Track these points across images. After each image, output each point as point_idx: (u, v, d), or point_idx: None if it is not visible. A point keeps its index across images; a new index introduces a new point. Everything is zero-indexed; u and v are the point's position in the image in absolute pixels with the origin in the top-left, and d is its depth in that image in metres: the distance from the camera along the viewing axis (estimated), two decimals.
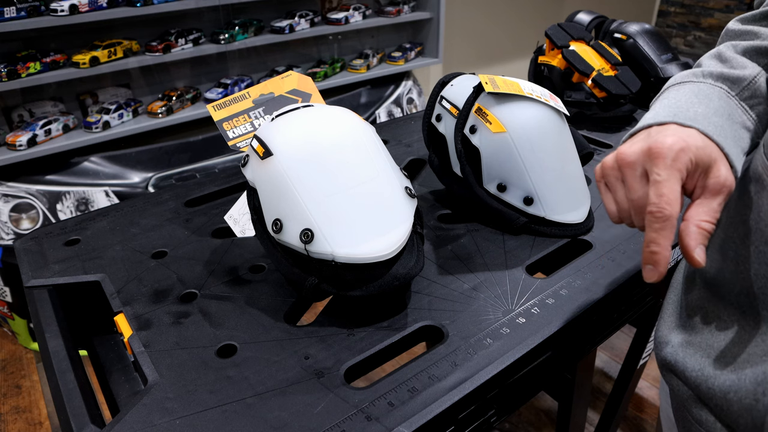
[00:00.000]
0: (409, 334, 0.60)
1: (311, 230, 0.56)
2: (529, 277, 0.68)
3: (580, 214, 0.76)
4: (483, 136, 0.74)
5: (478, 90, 0.75)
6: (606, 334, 0.73)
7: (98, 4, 1.63)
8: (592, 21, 1.30)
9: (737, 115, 0.46)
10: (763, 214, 0.43)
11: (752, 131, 0.46)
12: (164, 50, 1.81)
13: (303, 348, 0.58)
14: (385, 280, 0.57)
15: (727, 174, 0.43)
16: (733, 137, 0.45)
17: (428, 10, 2.39)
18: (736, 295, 0.46)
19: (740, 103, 0.47)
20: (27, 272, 0.71)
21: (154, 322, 0.61)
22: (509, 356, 0.56)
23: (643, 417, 1.54)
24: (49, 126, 1.68)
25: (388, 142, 1.08)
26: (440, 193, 0.90)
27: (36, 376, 1.72)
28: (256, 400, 0.51)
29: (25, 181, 1.65)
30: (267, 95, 0.80)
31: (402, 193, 0.61)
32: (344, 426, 0.48)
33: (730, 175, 0.43)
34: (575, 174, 0.76)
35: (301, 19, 2.08)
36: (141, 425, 0.49)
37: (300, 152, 0.59)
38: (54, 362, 0.57)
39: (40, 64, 1.61)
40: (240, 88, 2.04)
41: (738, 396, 0.43)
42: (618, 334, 1.78)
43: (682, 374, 0.50)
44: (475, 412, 0.55)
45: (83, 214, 0.84)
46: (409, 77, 2.48)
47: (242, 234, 0.75)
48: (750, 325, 0.45)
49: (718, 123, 0.45)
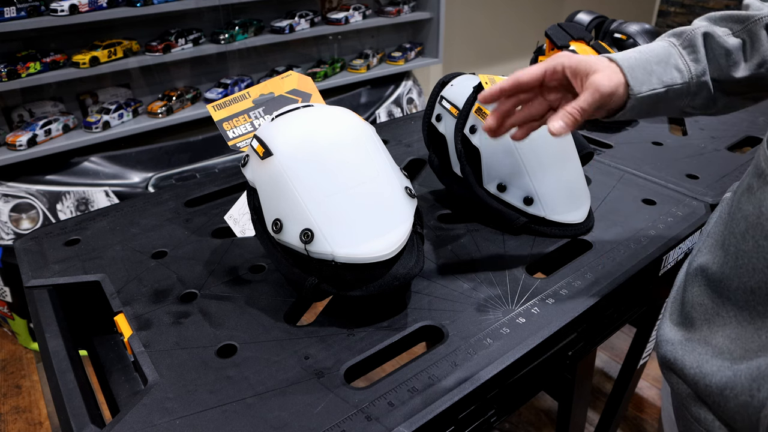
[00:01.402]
0: (409, 334, 0.60)
1: (311, 230, 0.56)
2: (529, 277, 0.68)
3: (580, 214, 0.76)
4: (483, 136, 0.74)
5: (478, 90, 0.75)
6: (606, 334, 0.73)
7: (98, 4, 1.63)
8: (592, 21, 1.30)
9: (673, 59, 0.57)
10: (765, 209, 0.43)
11: (685, 72, 0.57)
12: (164, 50, 1.81)
13: (303, 348, 0.58)
14: (385, 280, 0.57)
15: (604, 81, 0.54)
16: (650, 71, 0.56)
17: (428, 10, 2.39)
18: (734, 291, 0.47)
19: (680, 51, 0.58)
20: (27, 272, 0.71)
21: (154, 322, 0.61)
22: (509, 356, 0.56)
23: (643, 417, 1.54)
24: (49, 126, 1.68)
25: (388, 142, 1.08)
26: (440, 193, 0.90)
27: (36, 376, 1.72)
28: (256, 400, 0.51)
29: (25, 181, 1.65)
30: (267, 95, 0.80)
31: (402, 193, 0.61)
32: (344, 426, 0.48)
33: (607, 83, 0.55)
34: (575, 174, 0.76)
35: (301, 19, 2.08)
36: (141, 425, 0.49)
37: (300, 152, 0.59)
38: (54, 362, 0.57)
39: (40, 64, 1.61)
40: (240, 88, 2.04)
41: (734, 392, 0.43)
42: (618, 334, 1.78)
43: (680, 372, 0.50)
44: (475, 412, 0.55)
45: (83, 214, 0.84)
46: (409, 77, 2.48)
47: (242, 234, 0.75)
48: (747, 320, 0.45)
49: (637, 58, 0.56)
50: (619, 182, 0.91)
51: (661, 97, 0.57)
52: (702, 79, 0.57)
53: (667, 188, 0.89)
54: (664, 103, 0.58)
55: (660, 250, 0.73)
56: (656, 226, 0.78)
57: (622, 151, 1.03)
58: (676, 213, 0.82)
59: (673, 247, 0.75)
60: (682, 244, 0.76)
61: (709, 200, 0.85)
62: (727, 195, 0.58)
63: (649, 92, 0.56)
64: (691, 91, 0.58)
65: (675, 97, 0.58)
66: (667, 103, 0.58)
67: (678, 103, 0.59)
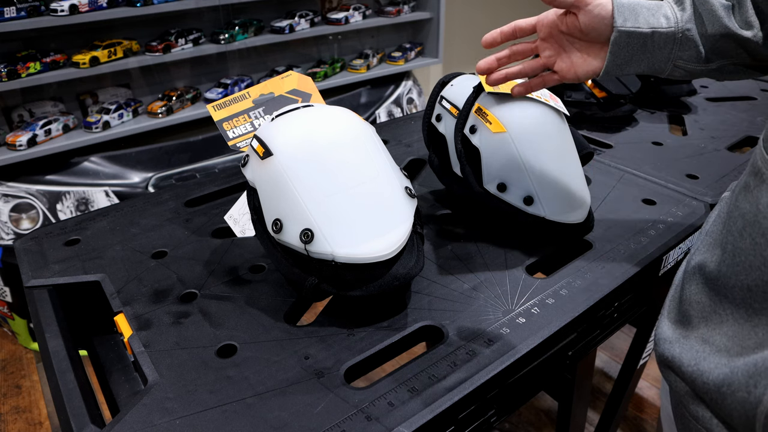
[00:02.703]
0: (409, 334, 0.60)
1: (311, 230, 0.56)
2: (529, 277, 0.68)
3: (580, 214, 0.76)
4: (483, 136, 0.74)
5: (478, 90, 0.75)
6: (606, 334, 0.73)
7: (98, 4, 1.63)
8: None
9: (663, 9, 0.61)
10: (762, 207, 0.44)
11: (672, 18, 0.60)
12: (164, 50, 1.81)
13: (303, 348, 0.58)
14: (385, 280, 0.57)
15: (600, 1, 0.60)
16: (637, 12, 0.60)
17: (428, 10, 2.39)
18: (731, 289, 0.47)
19: (671, 3, 0.61)
20: (27, 272, 0.71)
21: (154, 322, 0.61)
22: (509, 356, 0.56)
23: (643, 417, 1.54)
24: (49, 126, 1.68)
25: (388, 142, 1.08)
26: (440, 193, 0.90)
27: (36, 376, 1.72)
28: (256, 400, 0.51)
29: (25, 181, 1.65)
30: (267, 95, 0.80)
31: (402, 193, 0.61)
32: (344, 426, 0.48)
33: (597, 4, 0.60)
34: (575, 174, 0.76)
35: (301, 19, 2.08)
36: (141, 425, 0.49)
37: (300, 152, 0.59)
38: (54, 362, 0.57)
39: (40, 64, 1.61)
40: (240, 88, 2.04)
41: (731, 389, 0.43)
42: (618, 334, 1.78)
43: (678, 370, 0.50)
44: (475, 412, 0.55)
45: (83, 214, 0.84)
46: (409, 77, 2.48)
47: (242, 234, 0.75)
48: (744, 318, 0.46)
49: (630, 2, 0.60)
50: (619, 182, 0.91)
51: (646, 39, 0.60)
52: (687, 27, 0.60)
53: (667, 188, 0.89)
54: (651, 49, 0.61)
55: (660, 250, 0.73)
56: (656, 226, 0.78)
57: (622, 151, 1.03)
58: (676, 213, 0.82)
59: (673, 247, 0.75)
60: (682, 244, 0.76)
61: (709, 200, 0.85)
62: (725, 194, 0.59)
63: (633, 28, 0.59)
64: (678, 39, 0.60)
65: (662, 44, 0.60)
66: (655, 51, 0.61)
67: (666, 52, 0.61)
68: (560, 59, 0.64)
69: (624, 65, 0.62)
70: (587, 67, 0.63)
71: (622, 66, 0.62)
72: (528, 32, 0.64)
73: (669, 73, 0.63)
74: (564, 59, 0.64)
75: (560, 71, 0.65)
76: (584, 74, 0.64)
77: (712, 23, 0.59)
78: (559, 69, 0.65)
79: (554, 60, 0.64)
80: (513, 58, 0.66)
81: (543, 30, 0.64)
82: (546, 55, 0.65)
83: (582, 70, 0.63)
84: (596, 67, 0.63)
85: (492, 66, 0.65)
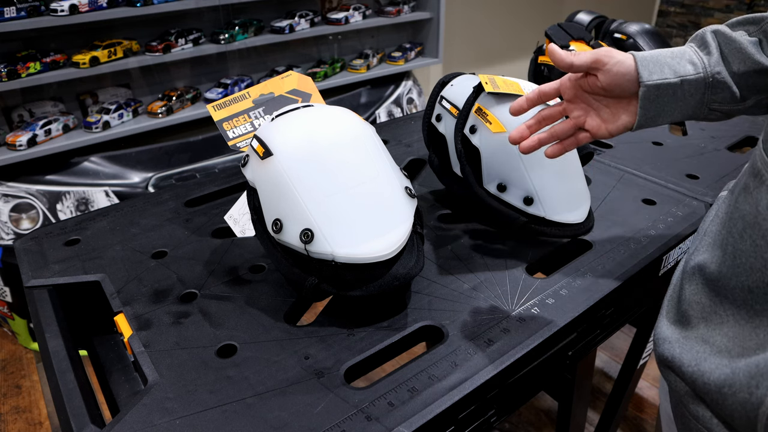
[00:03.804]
0: (409, 334, 0.60)
1: (311, 230, 0.56)
2: (529, 277, 0.68)
3: (580, 214, 0.76)
4: (483, 136, 0.74)
5: (478, 90, 0.75)
6: (606, 334, 0.73)
7: (98, 4, 1.63)
8: (592, 21, 1.30)
9: (687, 55, 0.60)
10: (761, 209, 0.44)
11: (699, 64, 0.59)
12: (164, 50, 1.81)
13: (303, 348, 0.58)
14: (385, 280, 0.57)
15: (618, 59, 0.59)
16: (662, 63, 0.59)
17: (428, 10, 2.38)
18: (732, 290, 0.47)
19: (694, 48, 0.61)
20: (27, 272, 0.71)
21: (154, 322, 0.61)
22: (509, 356, 0.56)
23: (643, 417, 1.54)
24: (49, 126, 1.68)
25: (388, 142, 1.08)
26: (440, 193, 0.90)
27: (36, 376, 1.72)
28: (256, 400, 0.51)
29: (25, 181, 1.65)
30: (267, 95, 0.80)
31: (402, 193, 0.61)
32: (344, 426, 0.48)
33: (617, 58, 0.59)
34: (575, 174, 0.76)
35: (301, 19, 2.08)
36: (141, 425, 0.49)
37: (300, 152, 0.59)
38: (54, 362, 0.57)
39: (40, 64, 1.61)
40: (240, 88, 2.04)
41: (732, 390, 0.44)
42: (618, 334, 1.78)
43: (678, 370, 0.51)
44: (475, 412, 0.55)
45: (83, 214, 0.84)
46: (409, 77, 2.48)
47: (242, 234, 0.75)
48: (744, 319, 0.46)
49: (651, 53, 0.60)
50: (619, 182, 0.91)
51: (676, 89, 0.58)
52: (717, 70, 0.58)
53: (667, 188, 0.89)
54: (682, 97, 0.59)
55: (660, 250, 0.73)
56: (656, 226, 0.78)
57: (622, 151, 1.03)
58: (676, 213, 0.82)
59: (673, 247, 0.75)
60: (682, 244, 0.76)
61: (709, 200, 0.85)
62: (722, 193, 0.58)
63: (660, 80, 0.58)
64: (708, 83, 0.58)
65: (693, 90, 0.59)
66: (687, 98, 0.59)
67: (698, 97, 0.59)
68: (590, 117, 0.62)
69: (656, 117, 0.60)
70: (618, 122, 0.61)
71: (654, 118, 0.60)
72: (552, 96, 0.63)
73: (705, 116, 0.61)
74: (593, 117, 0.62)
75: (591, 129, 0.62)
76: (616, 130, 0.62)
77: (742, 61, 0.58)
78: (590, 127, 0.62)
79: (584, 119, 0.63)
80: (543, 123, 0.64)
81: (567, 92, 0.62)
82: (575, 116, 0.63)
83: (613, 126, 0.61)
84: (627, 122, 0.61)
85: (524, 134, 0.63)
